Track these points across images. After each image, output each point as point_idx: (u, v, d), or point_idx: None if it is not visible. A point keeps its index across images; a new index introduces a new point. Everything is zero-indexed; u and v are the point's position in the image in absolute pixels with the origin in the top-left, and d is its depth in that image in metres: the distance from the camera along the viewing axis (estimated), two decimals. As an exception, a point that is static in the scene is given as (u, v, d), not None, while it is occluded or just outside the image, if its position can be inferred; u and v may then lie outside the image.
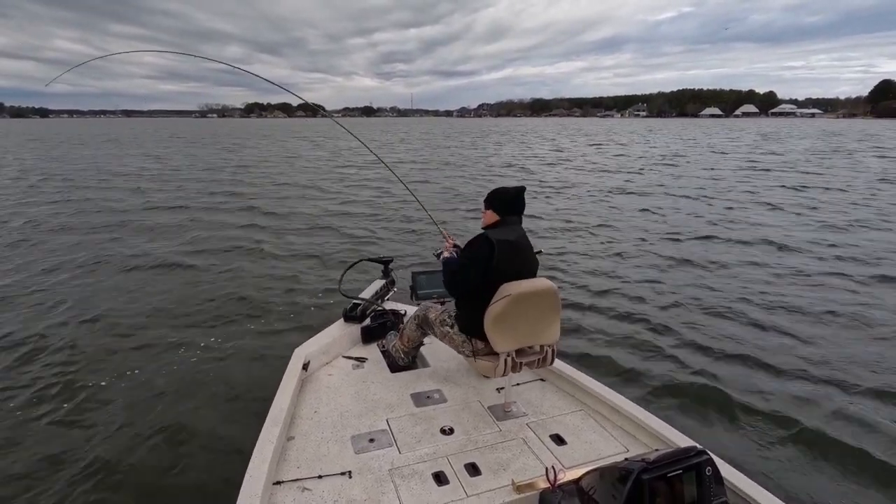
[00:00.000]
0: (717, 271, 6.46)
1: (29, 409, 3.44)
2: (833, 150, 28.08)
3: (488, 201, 2.43)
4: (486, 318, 2.24)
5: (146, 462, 2.92)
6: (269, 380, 3.53)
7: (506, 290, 2.20)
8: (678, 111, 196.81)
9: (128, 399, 3.57)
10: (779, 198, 12.10)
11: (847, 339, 4.48)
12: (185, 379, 3.84)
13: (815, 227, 9.09)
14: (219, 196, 12.93)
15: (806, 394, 3.58)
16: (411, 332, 2.85)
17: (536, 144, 34.52)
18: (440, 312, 2.64)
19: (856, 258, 7.02)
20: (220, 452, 2.98)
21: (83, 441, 3.11)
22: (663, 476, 1.49)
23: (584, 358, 4.10)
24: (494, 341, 2.26)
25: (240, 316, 5.06)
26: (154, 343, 4.46)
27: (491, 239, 2.24)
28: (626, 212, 10.68)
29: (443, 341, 2.63)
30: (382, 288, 3.62)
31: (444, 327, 2.56)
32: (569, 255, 7.33)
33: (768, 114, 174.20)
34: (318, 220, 9.92)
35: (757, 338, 4.47)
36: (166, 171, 18.49)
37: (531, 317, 2.27)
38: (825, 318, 4.92)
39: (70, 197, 12.43)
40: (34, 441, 3.11)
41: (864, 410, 3.38)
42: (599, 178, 16.15)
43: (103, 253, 7.40)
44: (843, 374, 3.84)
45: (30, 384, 3.74)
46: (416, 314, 2.82)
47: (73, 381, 3.79)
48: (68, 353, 4.26)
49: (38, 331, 4.65)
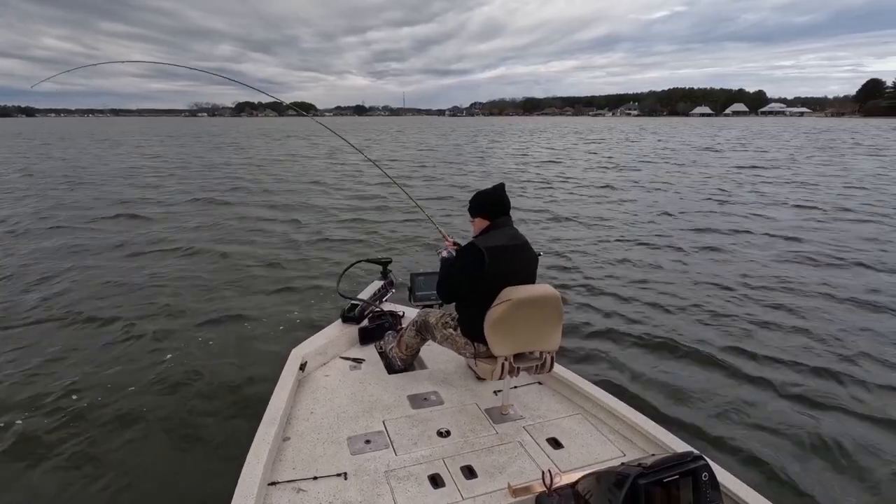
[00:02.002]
0: (715, 275, 6.47)
1: (21, 411, 3.39)
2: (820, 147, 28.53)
3: (473, 209, 2.39)
4: (486, 321, 2.23)
5: (140, 461, 2.90)
6: (265, 380, 3.55)
7: (507, 295, 2.19)
8: (669, 110, 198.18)
9: (121, 398, 3.54)
10: (779, 198, 12.19)
11: (846, 341, 4.48)
12: (180, 378, 3.80)
13: (822, 229, 9.17)
14: (216, 193, 12.82)
15: (802, 400, 3.57)
16: (410, 338, 2.81)
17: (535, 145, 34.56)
18: (441, 315, 2.61)
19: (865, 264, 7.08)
20: (215, 452, 2.96)
21: (78, 440, 3.08)
22: (659, 481, 1.50)
23: (581, 361, 4.10)
24: (492, 344, 2.26)
25: (238, 315, 5.03)
26: (150, 341, 4.42)
27: (480, 248, 2.23)
28: (627, 210, 10.72)
29: (443, 344, 2.60)
30: (381, 289, 3.61)
31: (447, 329, 2.54)
32: (567, 254, 7.34)
33: (758, 112, 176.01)
34: (317, 219, 9.86)
35: (754, 344, 4.45)
36: (174, 168, 18.32)
37: (531, 322, 2.26)
38: (825, 320, 4.93)
39: (58, 192, 12.27)
40: (26, 441, 3.07)
41: (862, 416, 3.37)
42: (586, 175, 16.24)
43: (81, 243, 7.34)
44: (840, 380, 3.83)
45: (23, 385, 3.69)
46: (415, 320, 2.78)
47: (66, 381, 3.74)
48: (59, 349, 4.21)
49: (28, 331, 4.59)
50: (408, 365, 2.95)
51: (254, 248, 7.68)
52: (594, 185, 14.64)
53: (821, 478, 2.82)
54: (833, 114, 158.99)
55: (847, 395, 3.63)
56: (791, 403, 3.53)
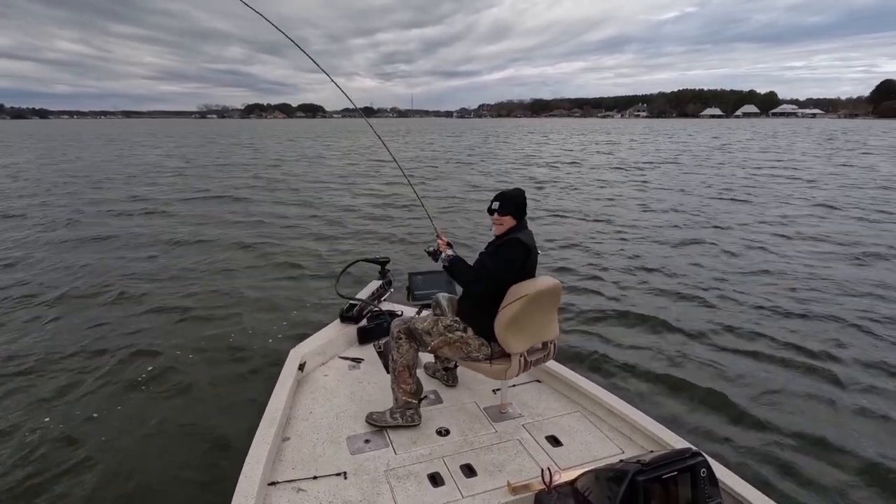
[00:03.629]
0: (715, 273, 6.42)
1: (20, 409, 3.41)
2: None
3: (506, 207, 2.29)
4: (500, 320, 2.20)
5: (139, 461, 2.90)
6: (264, 380, 3.54)
7: (520, 291, 2.17)
8: (678, 112, 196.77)
9: (119, 397, 3.55)
10: (780, 198, 12.09)
11: (845, 341, 4.44)
12: (179, 377, 3.81)
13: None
14: (217, 192, 12.92)
15: (801, 396, 3.56)
16: (406, 360, 2.36)
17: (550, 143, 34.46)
18: (434, 321, 2.40)
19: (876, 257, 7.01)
20: (215, 452, 2.95)
21: (76, 439, 3.09)
22: (658, 478, 1.50)
23: (579, 359, 4.08)
24: (508, 343, 2.23)
25: (237, 315, 5.04)
26: (148, 340, 4.44)
27: (526, 243, 2.24)
28: (625, 211, 10.66)
29: (441, 350, 2.38)
30: (379, 289, 3.61)
31: (455, 333, 2.34)
32: (566, 254, 7.31)
33: (769, 114, 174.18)
34: (317, 220, 9.91)
35: (754, 340, 4.44)
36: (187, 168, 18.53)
37: (539, 315, 2.28)
38: (824, 320, 4.89)
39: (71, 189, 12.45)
40: (21, 440, 3.08)
41: (861, 412, 3.36)
42: (587, 174, 16.16)
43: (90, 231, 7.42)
44: (841, 375, 3.81)
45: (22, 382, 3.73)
46: (395, 339, 2.39)
47: (67, 378, 3.77)
48: (53, 345, 4.24)
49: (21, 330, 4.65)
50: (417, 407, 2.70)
51: (254, 248, 7.69)
52: (586, 178, 14.58)
53: (819, 474, 2.81)
54: (846, 115, 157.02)
55: (847, 394, 3.60)
56: (790, 401, 3.51)
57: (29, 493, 2.68)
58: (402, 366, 2.37)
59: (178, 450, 3.01)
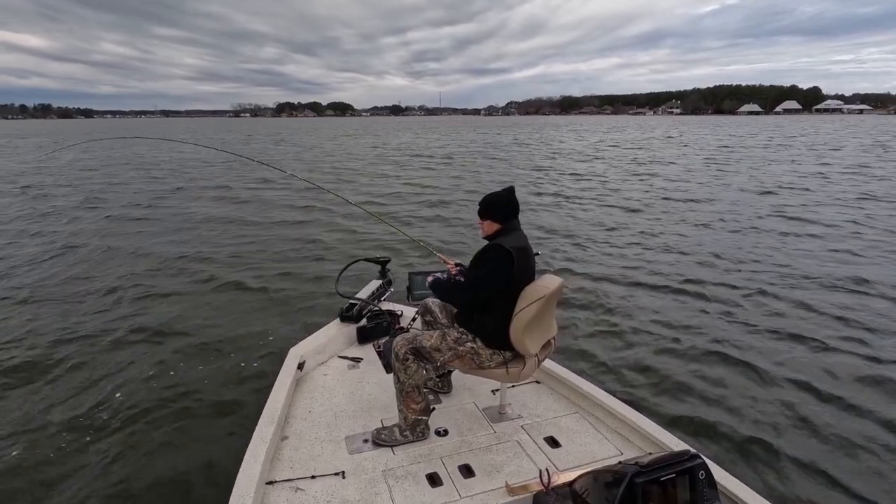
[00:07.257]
0: (715, 272, 6.22)
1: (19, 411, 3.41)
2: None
3: (483, 212, 2.25)
4: (517, 325, 2.11)
5: (138, 460, 2.89)
6: (263, 379, 3.58)
7: (534, 294, 2.10)
8: (714, 108, 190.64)
9: (118, 395, 3.55)
10: (781, 197, 11.56)
11: (844, 341, 4.30)
12: (178, 377, 3.80)
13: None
14: (218, 190, 13.10)
15: (800, 398, 3.50)
16: (415, 380, 2.25)
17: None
18: (441, 335, 2.28)
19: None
20: (213, 451, 2.94)
21: (76, 439, 3.09)
22: (657, 480, 1.48)
23: (578, 360, 4.02)
24: (525, 346, 2.14)
25: (236, 314, 5.03)
26: (147, 338, 4.45)
27: (507, 248, 2.11)
28: (627, 209, 10.44)
29: (451, 364, 2.28)
30: (379, 288, 3.59)
31: (465, 345, 2.23)
32: (564, 253, 7.22)
33: (812, 110, 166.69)
34: (317, 219, 9.86)
35: (752, 342, 4.32)
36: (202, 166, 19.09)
37: (547, 315, 2.26)
38: (825, 321, 4.75)
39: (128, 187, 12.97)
40: (20, 438, 3.09)
41: (862, 415, 3.30)
42: (579, 167, 15.80)
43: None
44: (839, 378, 3.73)
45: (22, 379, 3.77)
46: (401, 360, 2.25)
47: (69, 377, 3.81)
48: (50, 341, 4.33)
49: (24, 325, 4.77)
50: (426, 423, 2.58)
51: (253, 248, 7.69)
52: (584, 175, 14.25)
53: (818, 476, 2.76)
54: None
55: (847, 393, 3.53)
56: (789, 401, 3.45)
57: (28, 491, 2.69)
58: (412, 386, 2.24)
59: (175, 448, 3.00)
